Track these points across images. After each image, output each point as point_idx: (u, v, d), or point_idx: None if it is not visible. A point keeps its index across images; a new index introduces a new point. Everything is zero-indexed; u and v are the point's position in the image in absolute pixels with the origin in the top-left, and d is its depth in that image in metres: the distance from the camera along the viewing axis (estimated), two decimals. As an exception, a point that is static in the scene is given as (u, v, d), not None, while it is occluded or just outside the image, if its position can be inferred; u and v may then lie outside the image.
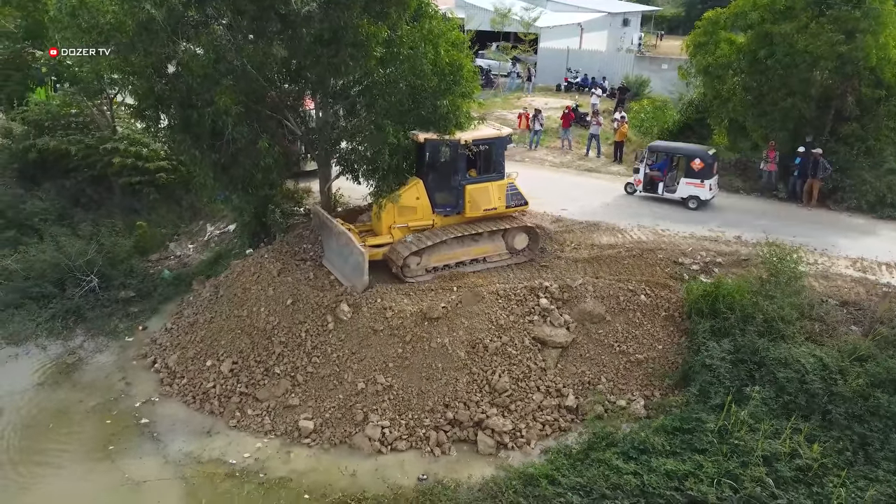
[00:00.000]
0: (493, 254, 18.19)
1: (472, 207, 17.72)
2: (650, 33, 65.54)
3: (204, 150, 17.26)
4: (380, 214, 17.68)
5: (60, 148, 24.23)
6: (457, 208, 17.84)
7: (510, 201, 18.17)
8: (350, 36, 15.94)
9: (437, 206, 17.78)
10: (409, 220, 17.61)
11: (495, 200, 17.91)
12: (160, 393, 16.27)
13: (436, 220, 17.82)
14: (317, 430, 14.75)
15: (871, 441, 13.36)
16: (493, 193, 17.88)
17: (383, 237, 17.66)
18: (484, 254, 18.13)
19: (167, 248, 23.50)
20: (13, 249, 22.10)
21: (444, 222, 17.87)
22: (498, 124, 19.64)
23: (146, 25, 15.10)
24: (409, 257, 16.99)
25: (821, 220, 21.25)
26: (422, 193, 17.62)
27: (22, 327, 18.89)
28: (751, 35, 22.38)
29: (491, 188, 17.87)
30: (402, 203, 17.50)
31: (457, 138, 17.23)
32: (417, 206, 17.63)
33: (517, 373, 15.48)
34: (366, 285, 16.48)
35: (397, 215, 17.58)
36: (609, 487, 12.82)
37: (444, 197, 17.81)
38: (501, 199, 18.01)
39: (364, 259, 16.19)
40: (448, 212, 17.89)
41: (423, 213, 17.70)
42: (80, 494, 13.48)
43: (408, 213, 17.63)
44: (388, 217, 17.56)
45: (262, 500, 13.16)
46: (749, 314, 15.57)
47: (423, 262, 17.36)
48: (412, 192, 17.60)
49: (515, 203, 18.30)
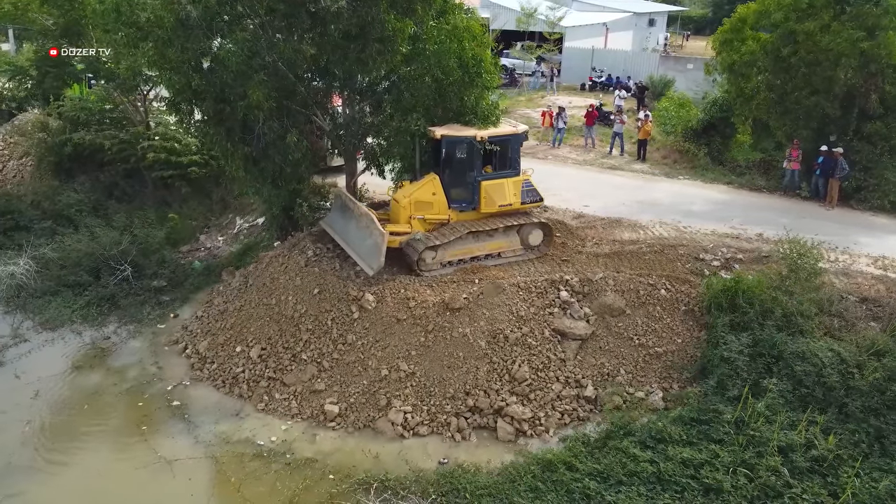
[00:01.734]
0: (508, 249, 18.43)
1: (487, 203, 17.96)
2: (676, 33, 65.36)
3: (236, 144, 17.81)
4: (399, 203, 17.96)
5: (96, 142, 24.99)
6: (472, 204, 18.09)
7: (525, 198, 18.31)
8: (377, 31, 16.35)
9: (452, 202, 18.03)
10: (426, 215, 17.89)
11: (510, 196, 18.08)
12: (191, 377, 16.81)
13: (451, 215, 18.08)
14: (342, 414, 15.20)
15: (886, 434, 13.53)
16: (508, 190, 18.05)
17: (402, 226, 17.87)
18: (499, 249, 18.36)
19: (198, 240, 24.16)
20: (49, 239, 22.91)
21: (459, 217, 18.16)
22: (514, 121, 19.84)
23: (183, 22, 15.67)
24: (424, 251, 17.33)
25: (843, 219, 21.29)
26: (438, 189, 17.85)
27: (58, 314, 19.58)
28: (775, 33, 22.46)
29: (506, 184, 18.05)
30: (418, 198, 17.81)
31: (472, 134, 17.48)
32: (433, 201, 17.87)
33: (537, 363, 15.79)
34: (380, 267, 16.61)
35: (414, 209, 17.90)
36: (626, 474, 13.11)
37: (460, 192, 18.06)
38: (517, 196, 18.16)
39: (383, 241, 16.34)
40: (463, 207, 18.14)
41: (439, 208, 17.95)
42: (115, 472, 14.01)
43: (424, 208, 17.88)
44: (405, 209, 17.85)
45: (288, 478, 13.60)
46: (768, 309, 15.76)
47: (438, 257, 17.67)
48: (428, 188, 17.87)
49: (531, 199, 18.43)
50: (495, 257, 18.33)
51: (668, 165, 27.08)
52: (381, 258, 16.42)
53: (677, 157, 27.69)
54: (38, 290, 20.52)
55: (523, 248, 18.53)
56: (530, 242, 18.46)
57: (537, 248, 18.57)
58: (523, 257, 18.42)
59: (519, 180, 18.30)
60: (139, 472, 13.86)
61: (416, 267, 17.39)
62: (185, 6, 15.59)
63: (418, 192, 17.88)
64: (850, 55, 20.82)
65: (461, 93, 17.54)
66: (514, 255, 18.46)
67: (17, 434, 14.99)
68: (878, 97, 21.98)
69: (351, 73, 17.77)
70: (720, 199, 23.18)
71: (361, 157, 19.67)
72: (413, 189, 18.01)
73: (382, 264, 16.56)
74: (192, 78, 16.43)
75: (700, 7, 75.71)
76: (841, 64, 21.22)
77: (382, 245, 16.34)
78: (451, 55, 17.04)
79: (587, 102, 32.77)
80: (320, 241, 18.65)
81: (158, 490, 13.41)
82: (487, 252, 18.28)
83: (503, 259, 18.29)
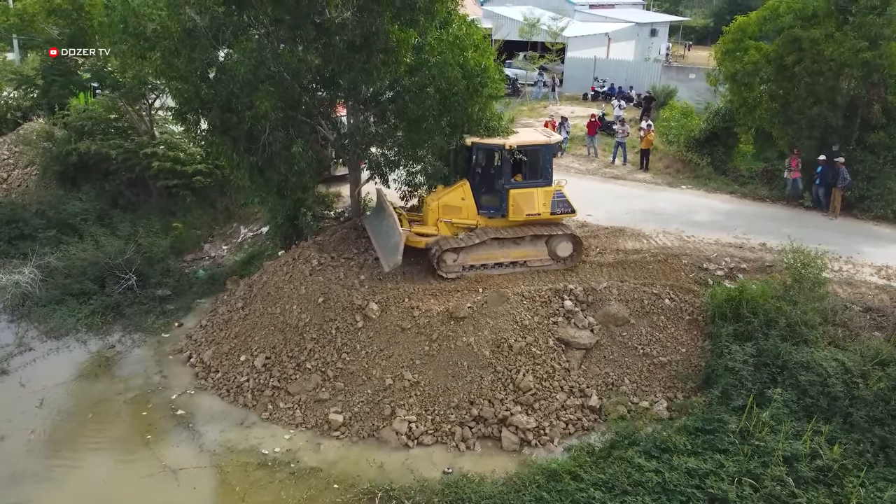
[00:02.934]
0: (535, 258, 18.34)
1: (515, 211, 17.97)
2: (678, 43, 65.54)
3: (241, 153, 17.91)
4: (429, 206, 18.34)
5: (101, 152, 25.07)
6: (500, 211, 18.12)
7: (556, 208, 18.20)
8: (381, 42, 16.47)
9: (481, 208, 18.15)
10: (454, 219, 18.06)
11: (539, 206, 18.01)
12: (195, 386, 16.84)
13: (480, 220, 18.18)
14: (346, 423, 15.22)
15: (891, 443, 13.54)
16: (537, 199, 17.99)
17: (430, 228, 18.23)
18: (524, 257, 18.29)
19: (202, 249, 24.24)
20: (54, 248, 22.99)
21: (487, 223, 18.20)
22: (549, 130, 19.69)
23: (190, 32, 15.79)
24: (445, 253, 17.45)
25: (847, 229, 21.32)
26: (468, 194, 18.03)
27: (62, 322, 19.65)
28: (778, 41, 22.54)
29: (536, 194, 17.99)
30: (448, 202, 18.04)
31: (502, 142, 17.59)
32: (462, 206, 18.05)
33: (541, 372, 15.80)
34: (397, 264, 16.89)
35: (442, 213, 18.07)
36: (631, 484, 13.10)
37: (489, 199, 18.17)
38: (546, 206, 18.07)
39: (401, 240, 16.69)
40: (492, 214, 18.20)
41: (467, 213, 18.09)
42: (120, 480, 14.03)
43: (453, 212, 18.08)
44: (434, 212, 18.15)
45: (293, 488, 13.62)
46: (772, 318, 15.78)
47: (459, 259, 17.77)
48: (458, 193, 18.09)
49: (561, 210, 18.30)
50: (521, 265, 18.29)
51: (671, 175, 27.14)
52: (398, 256, 16.73)
53: (680, 166, 27.76)
54: (43, 298, 20.60)
55: (551, 259, 18.41)
56: (558, 254, 18.32)
57: (565, 259, 18.41)
58: (550, 267, 18.30)
59: (550, 190, 18.18)
60: (144, 481, 13.88)
61: (437, 268, 17.56)
62: (192, 17, 15.73)
63: (447, 196, 18.16)
64: (853, 65, 20.90)
65: (465, 103, 17.64)
66: (541, 264, 18.34)
67: (23, 442, 15.05)
68: (881, 107, 22.05)
69: (355, 84, 17.86)
70: (723, 209, 23.22)
71: (365, 167, 19.75)
72: (443, 193, 18.33)
73: (399, 262, 16.84)
74: (200, 87, 16.54)
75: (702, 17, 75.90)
76: (844, 74, 21.32)
77: (401, 244, 16.67)
78: (454, 65, 17.13)
79: (589, 112, 32.85)
80: (324, 250, 18.70)
81: (163, 499, 13.42)
82: (512, 259, 18.24)
83: (528, 268, 18.24)
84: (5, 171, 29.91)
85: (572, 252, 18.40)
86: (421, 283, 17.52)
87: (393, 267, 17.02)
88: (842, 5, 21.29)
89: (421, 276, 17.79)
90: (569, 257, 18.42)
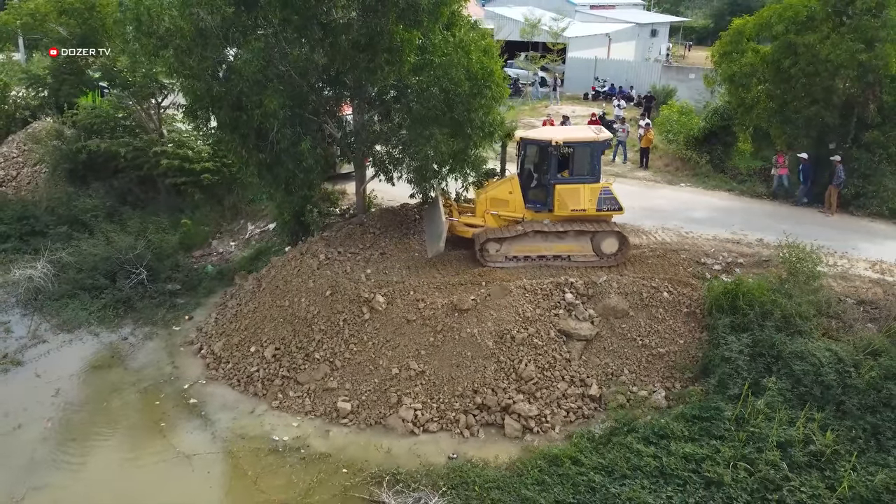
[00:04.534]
0: (578, 253, 18.47)
1: (560, 206, 18.11)
2: (678, 44, 65.97)
3: (250, 150, 18.38)
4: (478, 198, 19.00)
5: (110, 150, 25.55)
6: (546, 206, 18.33)
7: (602, 205, 18.17)
8: (385, 42, 16.94)
9: (528, 202, 18.47)
10: (501, 211, 18.53)
11: (585, 202, 18.06)
12: (206, 377, 17.30)
13: (526, 214, 18.50)
14: (354, 411, 15.68)
15: (882, 430, 13.95)
16: (583, 195, 18.06)
17: (477, 219, 18.84)
18: (568, 252, 18.46)
19: (210, 245, 24.70)
20: (66, 244, 23.46)
21: (534, 217, 18.50)
22: (599, 127, 19.74)
23: (202, 31, 16.26)
24: (488, 243, 18.04)
25: (842, 225, 21.74)
26: (515, 188, 18.44)
27: (75, 316, 20.10)
28: (775, 45, 22.98)
29: (582, 190, 18.06)
30: (495, 195, 18.57)
31: (549, 138, 17.95)
32: (510, 199, 18.47)
33: (543, 362, 16.24)
34: (438, 252, 17.90)
35: (490, 205, 18.60)
36: (629, 468, 13.57)
37: (536, 193, 18.47)
38: (592, 202, 18.09)
39: (444, 229, 17.67)
40: (538, 208, 18.44)
41: (515, 207, 18.49)
42: (135, 465, 14.50)
43: (500, 205, 18.54)
44: (482, 204, 18.76)
45: (303, 472, 14.09)
46: (768, 311, 16.18)
47: (503, 250, 18.28)
48: (506, 186, 18.61)
49: (608, 207, 18.24)
50: (564, 259, 18.54)
51: (671, 173, 27.57)
52: (440, 244, 17.80)
53: (679, 164, 28.19)
54: (56, 293, 21.07)
55: (595, 255, 18.53)
56: (603, 250, 18.42)
57: (611, 256, 18.50)
58: (595, 264, 18.43)
59: (597, 187, 18.19)
60: (159, 466, 14.37)
61: (480, 257, 18.16)
62: (203, 16, 16.19)
63: (496, 189, 18.75)
64: (849, 66, 21.31)
65: (469, 105, 18.02)
66: (585, 260, 18.49)
67: (39, 430, 15.51)
68: (877, 107, 22.52)
69: (360, 83, 18.33)
70: (721, 206, 23.66)
71: (370, 164, 20.19)
72: (492, 186, 18.94)
73: (441, 250, 17.91)
74: (212, 85, 17.00)
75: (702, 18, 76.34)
76: (840, 74, 21.73)
77: (443, 233, 17.72)
78: (459, 67, 17.54)
79: (590, 112, 33.29)
80: (331, 245, 19.14)
81: (178, 482, 13.89)
82: (556, 253, 18.49)
83: (572, 262, 18.49)
84: (15, 168, 30.41)
85: (618, 249, 18.46)
86: (426, 276, 17.95)
87: (435, 254, 17.98)
88: (838, 8, 21.70)
89: (425, 271, 18.20)
90: (614, 254, 18.48)
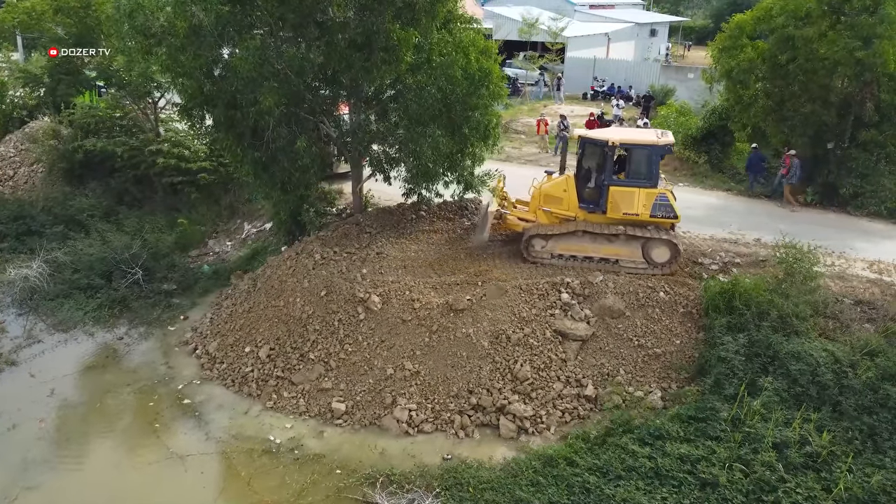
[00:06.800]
0: (627, 259, 18.09)
1: (613, 208, 17.66)
2: (678, 44, 65.88)
3: (246, 149, 18.32)
4: (532, 195, 18.99)
5: (107, 149, 25.50)
6: (599, 207, 17.88)
7: (656, 211, 17.58)
8: (382, 41, 16.87)
9: (582, 201, 18.11)
10: (554, 209, 18.35)
11: (639, 207, 17.55)
12: (201, 377, 17.25)
13: (579, 213, 18.16)
14: (348, 411, 15.63)
15: (879, 431, 13.85)
16: (637, 199, 17.52)
17: (529, 214, 18.95)
18: (616, 256, 18.10)
19: (206, 245, 24.65)
20: (62, 243, 23.42)
21: (587, 217, 18.11)
22: (662, 130, 19.26)
23: (196, 29, 16.20)
24: (534, 238, 18.06)
25: (840, 225, 21.69)
26: (570, 187, 18.15)
27: (70, 315, 20.06)
28: (772, 40, 22.91)
29: (637, 194, 17.53)
30: (549, 192, 18.43)
31: (606, 138, 17.63)
32: (564, 197, 18.22)
33: (538, 363, 16.17)
34: (482, 242, 18.89)
35: (543, 201, 18.50)
36: (624, 469, 13.50)
37: (590, 193, 18.08)
38: (646, 207, 17.54)
39: (489, 219, 18.66)
40: (591, 209, 18.02)
41: (568, 205, 18.20)
42: (129, 466, 14.45)
43: (553, 202, 18.36)
44: (535, 200, 18.73)
45: (297, 473, 14.04)
46: (764, 311, 16.10)
47: (548, 247, 18.22)
48: (561, 184, 18.38)
49: (662, 214, 17.63)
50: (612, 263, 18.18)
51: (669, 172, 27.38)
52: (482, 234, 18.88)
53: (677, 164, 28.08)
54: (51, 292, 21.02)
55: (645, 262, 18.11)
56: (654, 258, 17.99)
57: (661, 265, 18.01)
58: (644, 271, 18.00)
59: (653, 192, 17.54)
60: (152, 467, 14.31)
61: (525, 252, 18.25)
62: (198, 14, 16.13)
63: (550, 186, 18.60)
64: (847, 64, 21.24)
65: (466, 105, 17.94)
66: (634, 266, 18.07)
67: (33, 430, 15.46)
68: (874, 105, 22.43)
69: (357, 82, 18.27)
70: (719, 205, 23.60)
71: (367, 164, 20.14)
72: (547, 183, 18.86)
73: (485, 239, 18.91)
74: (204, 84, 16.94)
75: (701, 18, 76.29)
76: (837, 72, 21.68)
77: (487, 223, 18.67)
78: (457, 66, 17.48)
79: (588, 112, 33.21)
80: (327, 245, 19.08)
81: (171, 483, 13.84)
82: (603, 256, 18.17)
83: (620, 267, 18.11)
84: (12, 168, 30.32)
85: (669, 259, 17.98)
86: (422, 276, 17.89)
87: (477, 244, 18.90)
88: (835, 5, 21.65)
89: (421, 270, 18.14)
90: (665, 263, 18.01)
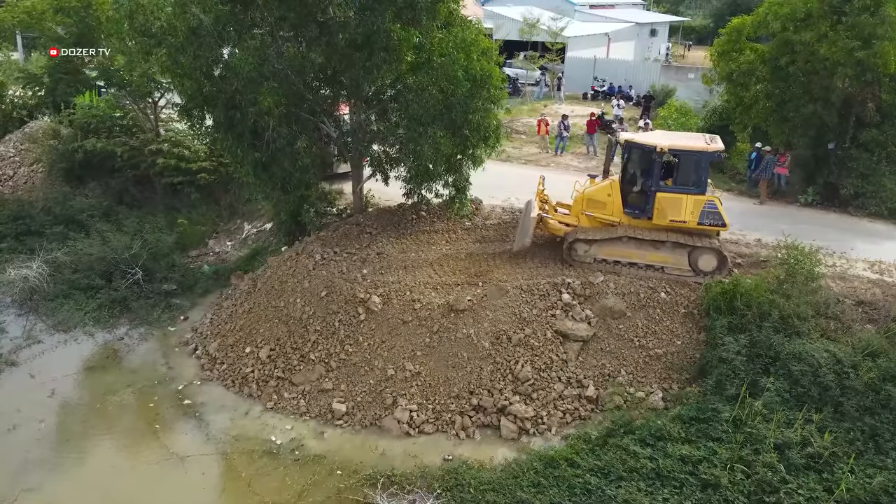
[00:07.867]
0: (673, 266, 17.82)
1: (659, 215, 17.36)
2: (678, 44, 65.84)
3: (246, 149, 18.28)
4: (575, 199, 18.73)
5: (107, 149, 25.45)
6: (645, 213, 17.58)
7: (704, 219, 17.27)
8: (382, 40, 16.82)
9: (626, 206, 17.84)
10: (597, 213, 18.12)
11: (686, 214, 17.24)
12: (201, 377, 17.23)
13: (624, 218, 17.86)
14: (349, 412, 15.61)
15: (881, 432, 13.84)
16: (685, 206, 17.21)
17: (572, 218, 18.64)
18: (662, 263, 17.85)
19: (206, 245, 24.61)
20: (61, 243, 23.35)
21: (631, 223, 17.80)
22: (712, 136, 18.40)
23: (195, 30, 16.17)
24: (576, 242, 17.93)
25: (842, 225, 21.64)
26: (615, 191, 17.90)
27: (70, 316, 20.04)
28: (773, 43, 22.88)
29: (685, 200, 17.21)
30: (593, 196, 18.22)
31: (654, 143, 17.27)
32: (608, 202, 17.99)
33: (539, 363, 16.15)
34: (523, 246, 18.07)
35: (586, 205, 18.30)
36: (626, 470, 13.47)
37: (635, 199, 17.86)
38: (694, 215, 17.23)
39: (532, 224, 17.82)
40: (636, 214, 17.73)
41: (612, 210, 17.95)
42: (129, 467, 14.44)
43: (597, 207, 18.13)
44: (578, 203, 18.51)
45: (297, 474, 14.02)
46: (765, 311, 16.06)
47: (591, 251, 18.02)
48: (605, 189, 18.17)
49: (710, 222, 17.32)
50: (657, 270, 17.95)
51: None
52: (525, 239, 17.96)
53: (678, 164, 28.03)
54: (51, 293, 20.98)
55: (692, 270, 17.82)
56: (700, 266, 17.71)
57: (708, 274, 17.69)
58: (690, 279, 17.72)
59: (701, 199, 17.27)
60: (152, 468, 14.29)
61: (567, 256, 18.08)
62: (198, 15, 16.10)
63: (594, 191, 18.40)
64: (847, 64, 21.18)
65: (467, 106, 17.91)
66: (680, 273, 17.80)
67: (33, 431, 15.44)
68: (875, 105, 22.40)
69: (357, 82, 18.23)
70: (719, 206, 23.52)
71: (367, 164, 20.11)
72: (591, 187, 18.64)
73: (526, 244, 18.04)
74: (204, 84, 16.91)
75: (702, 18, 76.20)
76: (838, 73, 21.59)
77: (530, 228, 17.90)
78: (458, 67, 17.45)
79: (589, 111, 33.17)
80: (327, 245, 19.05)
81: (172, 484, 13.82)
82: (648, 262, 17.91)
83: (666, 274, 17.87)
84: (11, 168, 30.26)
85: (716, 267, 17.68)
86: (422, 276, 17.85)
87: (519, 248, 18.14)
88: (835, 6, 21.61)
89: (422, 271, 18.11)
90: (712, 272, 17.68)
